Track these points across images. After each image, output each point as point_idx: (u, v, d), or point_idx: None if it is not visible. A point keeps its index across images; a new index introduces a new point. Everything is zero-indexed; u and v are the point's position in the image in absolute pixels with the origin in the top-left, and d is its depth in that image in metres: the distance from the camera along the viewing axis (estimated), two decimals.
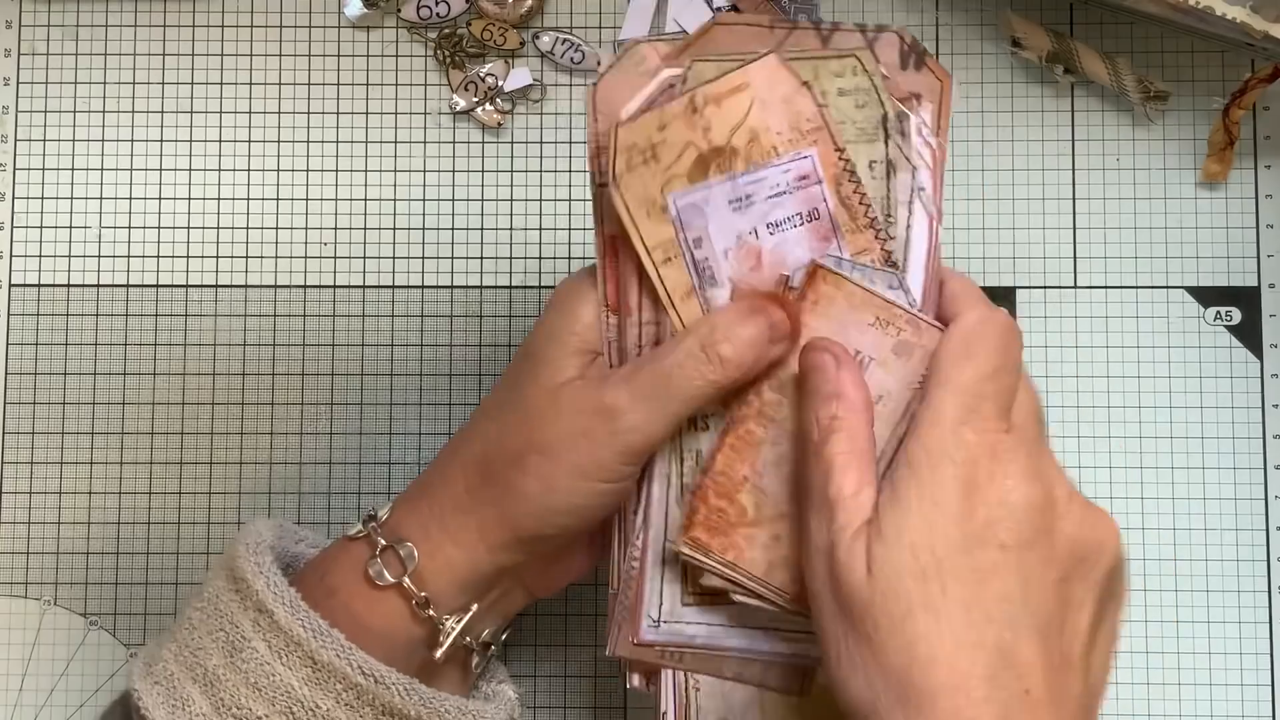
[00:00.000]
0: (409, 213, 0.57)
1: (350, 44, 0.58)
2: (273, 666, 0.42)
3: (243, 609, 0.43)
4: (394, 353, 0.57)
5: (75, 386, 0.56)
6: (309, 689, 0.42)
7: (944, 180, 0.43)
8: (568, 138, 0.58)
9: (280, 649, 0.42)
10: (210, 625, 0.44)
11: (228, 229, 0.57)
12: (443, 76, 0.58)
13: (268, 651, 0.42)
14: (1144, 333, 0.57)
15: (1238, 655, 0.55)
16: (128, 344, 0.57)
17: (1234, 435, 0.56)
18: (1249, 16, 0.52)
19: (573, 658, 0.56)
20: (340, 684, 0.42)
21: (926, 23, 0.58)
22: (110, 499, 0.56)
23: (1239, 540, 0.56)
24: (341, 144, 0.58)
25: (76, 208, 0.57)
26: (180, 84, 0.58)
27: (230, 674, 0.42)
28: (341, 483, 0.56)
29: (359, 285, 0.57)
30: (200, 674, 0.43)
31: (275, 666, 0.42)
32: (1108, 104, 0.58)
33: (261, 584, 0.43)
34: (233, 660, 0.42)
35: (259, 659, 0.42)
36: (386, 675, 0.42)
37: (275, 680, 0.42)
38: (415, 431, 0.56)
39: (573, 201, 0.57)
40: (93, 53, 0.58)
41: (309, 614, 0.42)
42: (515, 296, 0.57)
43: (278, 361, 0.57)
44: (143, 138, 0.58)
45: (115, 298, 0.57)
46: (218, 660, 0.43)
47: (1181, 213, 0.57)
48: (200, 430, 0.56)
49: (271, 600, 0.43)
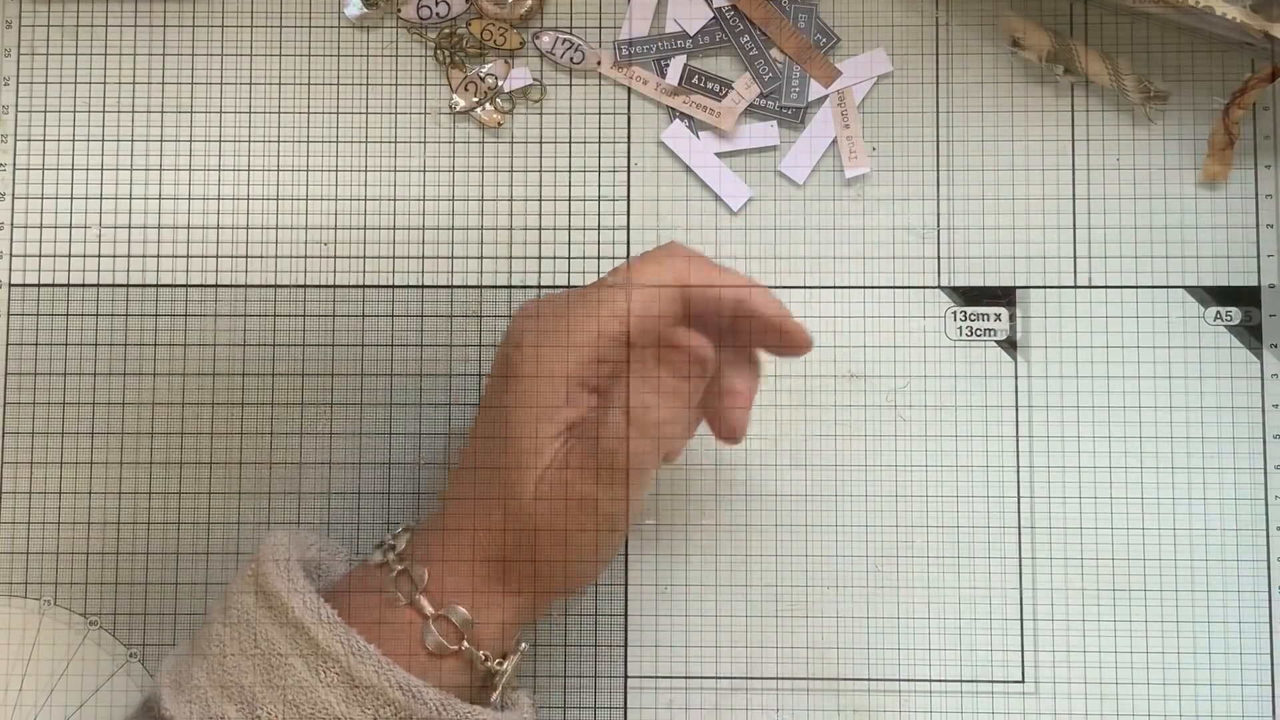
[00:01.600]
0: (408, 212, 0.57)
1: (350, 44, 0.58)
2: (311, 684, 0.42)
3: (278, 626, 0.43)
4: (393, 353, 0.56)
5: (75, 387, 0.56)
6: (346, 706, 0.42)
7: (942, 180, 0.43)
8: (567, 137, 0.58)
9: (318, 666, 0.42)
10: (244, 643, 0.44)
11: (228, 229, 0.57)
12: (442, 76, 0.58)
13: (305, 669, 0.42)
14: (1144, 333, 0.56)
15: (1238, 655, 0.55)
16: (128, 344, 0.56)
17: (1234, 435, 0.56)
18: (1248, 16, 0.51)
19: (573, 657, 0.56)
20: (377, 700, 0.42)
21: (926, 23, 0.58)
22: (110, 499, 0.56)
23: (1239, 540, 0.56)
24: (341, 144, 0.57)
25: (76, 207, 0.57)
26: (180, 83, 0.58)
27: (267, 692, 0.42)
28: (341, 483, 0.56)
29: (358, 285, 0.57)
30: (236, 693, 0.43)
31: (313, 684, 0.42)
32: (1108, 104, 0.57)
33: (297, 602, 0.43)
34: (269, 678, 0.42)
35: (296, 676, 0.42)
36: (423, 692, 0.42)
37: (313, 697, 0.42)
38: (414, 432, 0.56)
39: (572, 201, 0.57)
40: (93, 52, 0.58)
41: (347, 631, 0.43)
42: (515, 296, 0.57)
43: (277, 362, 0.56)
44: (143, 137, 0.58)
45: (115, 297, 0.57)
46: (254, 678, 0.42)
47: (1182, 212, 0.57)
48: (200, 430, 0.56)
49: (309, 618, 0.43)
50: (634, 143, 0.58)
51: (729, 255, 0.57)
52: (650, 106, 0.58)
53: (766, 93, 0.58)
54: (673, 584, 0.56)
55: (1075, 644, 0.55)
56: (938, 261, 0.57)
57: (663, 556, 0.56)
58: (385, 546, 0.46)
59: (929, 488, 0.56)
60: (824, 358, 0.57)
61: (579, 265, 0.57)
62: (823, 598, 0.55)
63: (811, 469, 0.56)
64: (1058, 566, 0.55)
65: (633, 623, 0.56)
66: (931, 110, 0.57)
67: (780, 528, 0.56)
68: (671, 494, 0.56)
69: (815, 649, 0.55)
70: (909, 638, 0.55)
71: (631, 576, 0.56)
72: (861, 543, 0.56)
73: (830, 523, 0.56)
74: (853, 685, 0.55)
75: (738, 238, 0.57)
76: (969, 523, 0.56)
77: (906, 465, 0.56)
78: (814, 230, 0.57)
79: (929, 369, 0.56)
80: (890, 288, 0.57)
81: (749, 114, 0.58)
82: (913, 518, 0.56)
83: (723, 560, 0.56)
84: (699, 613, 0.56)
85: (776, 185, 0.57)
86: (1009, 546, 0.56)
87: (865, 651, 0.55)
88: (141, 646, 0.55)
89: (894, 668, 0.55)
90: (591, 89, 0.58)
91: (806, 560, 0.56)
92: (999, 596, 0.55)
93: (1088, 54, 0.56)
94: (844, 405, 0.56)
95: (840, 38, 0.58)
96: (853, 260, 0.57)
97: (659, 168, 0.57)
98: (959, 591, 0.55)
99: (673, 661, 0.55)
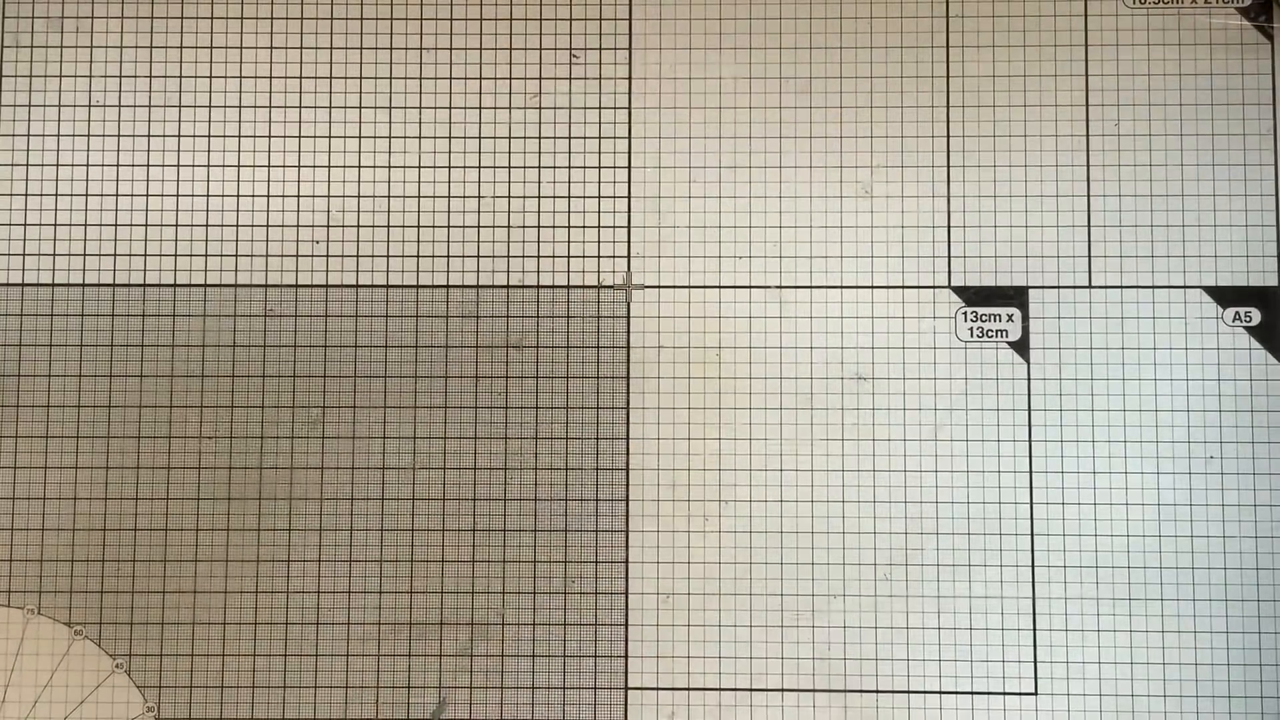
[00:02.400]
0: (403, 210, 0.56)
1: (344, 35, 0.57)
2: None
3: None
4: (388, 354, 0.56)
5: (59, 389, 0.56)
6: None
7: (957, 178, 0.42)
8: (566, 133, 0.57)
9: None
10: None
11: (216, 226, 0.56)
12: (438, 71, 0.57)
13: None
14: (1160, 334, 0.56)
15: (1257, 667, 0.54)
16: (114, 345, 0.56)
17: (1254, 440, 0.55)
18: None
19: (573, 667, 0.55)
20: None
21: (937, 14, 0.57)
22: (95, 505, 0.55)
23: (1259, 548, 0.55)
24: (334, 139, 0.57)
25: (61, 205, 0.57)
26: (169, 77, 0.57)
27: None
28: (334, 488, 0.55)
29: (352, 285, 0.56)
30: None
31: None
32: (1122, 98, 0.57)
33: None
34: None
35: None
36: None
37: None
38: (410, 435, 0.55)
39: (571, 199, 0.56)
40: (78, 45, 0.57)
41: None
42: (513, 296, 0.56)
43: (268, 364, 0.56)
44: (129, 132, 0.57)
45: (101, 297, 0.56)
46: None
47: (1199, 210, 0.56)
48: (189, 434, 0.55)
49: None
50: (634, 139, 0.57)
51: (733, 255, 0.56)
52: (652, 101, 0.57)
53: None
54: (674, 592, 0.55)
55: (1090, 655, 0.54)
56: (948, 261, 0.56)
57: (664, 564, 0.55)
58: None
59: (939, 493, 0.55)
60: (830, 359, 0.56)
61: (578, 265, 0.56)
62: (829, 606, 0.55)
63: (816, 474, 0.55)
64: (1071, 574, 0.55)
65: (634, 633, 0.55)
66: (942, 105, 0.57)
67: (785, 534, 0.55)
68: (673, 500, 0.55)
69: (821, 659, 0.55)
70: (918, 648, 0.55)
71: (632, 585, 0.55)
72: (869, 550, 0.55)
73: (836, 529, 0.55)
74: (860, 697, 0.54)
75: (742, 236, 0.56)
76: (980, 529, 0.55)
77: (915, 470, 0.55)
78: (820, 229, 0.56)
79: (939, 371, 0.56)
80: (899, 287, 0.56)
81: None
82: (922, 524, 0.55)
83: (725, 568, 0.55)
84: (701, 622, 0.55)
85: (782, 183, 0.57)
86: (1021, 554, 0.55)
87: (874, 662, 0.54)
88: (128, 657, 0.54)
89: (902, 679, 0.54)
90: (591, 85, 0.57)
91: (812, 568, 0.55)
92: (1010, 605, 0.55)
93: None
94: (850, 409, 0.56)
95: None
96: (860, 260, 0.56)
97: (660, 164, 0.57)
98: (970, 600, 0.55)
99: (674, 672, 0.55)
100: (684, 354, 0.56)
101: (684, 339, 0.56)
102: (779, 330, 0.56)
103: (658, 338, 0.56)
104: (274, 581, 0.55)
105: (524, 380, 0.56)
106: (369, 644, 0.55)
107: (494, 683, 0.55)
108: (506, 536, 0.55)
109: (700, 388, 0.55)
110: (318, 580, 0.55)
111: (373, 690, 0.55)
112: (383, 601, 0.55)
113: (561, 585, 0.55)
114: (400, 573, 0.55)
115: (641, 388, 0.56)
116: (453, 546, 0.55)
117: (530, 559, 0.55)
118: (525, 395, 0.55)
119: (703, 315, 0.56)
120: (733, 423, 0.55)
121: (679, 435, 0.55)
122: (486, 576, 0.55)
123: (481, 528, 0.55)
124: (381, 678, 0.55)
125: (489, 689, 0.55)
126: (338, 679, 0.54)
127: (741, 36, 0.58)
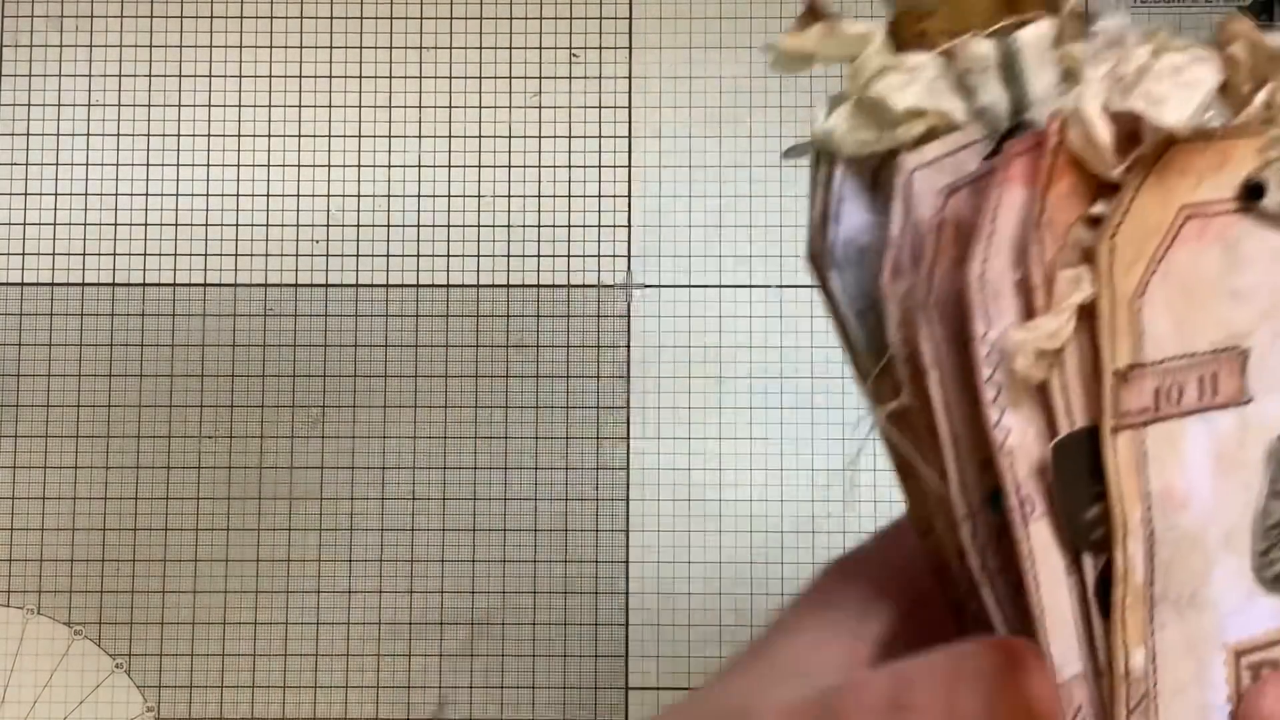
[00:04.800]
0: (403, 209, 0.56)
1: (344, 35, 0.57)
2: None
3: None
4: (388, 353, 0.56)
5: (59, 389, 0.56)
6: None
7: None
8: (566, 132, 0.57)
9: None
10: None
11: (215, 226, 0.57)
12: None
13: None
14: None
15: None
16: (113, 345, 0.56)
17: None
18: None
19: (573, 667, 0.55)
20: None
21: None
22: (95, 504, 0.55)
23: None
24: (334, 138, 0.57)
25: (60, 204, 0.57)
26: (169, 76, 0.57)
27: None
28: (334, 488, 0.55)
29: (351, 284, 0.56)
30: None
31: None
32: None
33: None
34: None
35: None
36: None
37: None
38: (409, 435, 0.55)
39: (571, 198, 0.56)
40: (78, 44, 0.57)
41: None
42: (513, 295, 0.56)
43: (267, 363, 0.56)
44: (129, 131, 0.57)
45: (100, 296, 0.56)
46: None
47: None
48: (189, 434, 0.55)
49: None
50: (634, 138, 0.57)
51: (733, 254, 0.56)
52: (652, 101, 0.57)
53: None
54: (675, 592, 0.55)
55: None
56: None
57: (664, 564, 0.55)
58: None
59: None
60: (830, 359, 0.56)
61: (578, 265, 0.56)
62: None
63: (817, 473, 0.55)
64: None
65: (634, 632, 0.55)
66: None
67: (785, 534, 0.55)
68: (673, 500, 0.55)
69: None
70: None
71: (633, 585, 0.55)
72: None
73: (837, 529, 0.55)
74: None
75: (742, 235, 0.56)
76: None
77: None
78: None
79: None
80: None
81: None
82: None
83: (725, 568, 0.55)
84: (701, 622, 0.55)
85: (782, 182, 0.57)
86: None
87: None
88: (128, 657, 0.54)
89: None
90: (591, 84, 0.57)
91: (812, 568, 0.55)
92: None
93: None
94: (850, 408, 0.56)
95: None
96: None
97: (660, 163, 0.57)
98: None
99: (675, 672, 0.55)
100: (684, 354, 0.56)
101: (684, 339, 0.56)
102: (779, 330, 0.56)
103: (658, 337, 0.56)
104: (274, 581, 0.55)
105: (524, 380, 0.56)
106: (369, 644, 0.55)
107: (494, 683, 0.55)
108: (506, 536, 0.55)
109: (700, 388, 0.55)
110: (318, 580, 0.55)
111: (373, 690, 0.55)
112: (383, 601, 0.55)
113: (561, 585, 0.55)
114: (400, 572, 0.55)
115: (641, 388, 0.56)
116: (453, 546, 0.55)
117: (530, 559, 0.55)
118: (525, 395, 0.55)
119: (703, 315, 0.56)
120: (733, 422, 0.55)
121: (679, 435, 0.55)
122: (486, 576, 0.55)
123: (481, 527, 0.55)
124: (381, 678, 0.55)
125: (489, 689, 0.55)
126: (338, 679, 0.54)
127: (742, 36, 0.58)
